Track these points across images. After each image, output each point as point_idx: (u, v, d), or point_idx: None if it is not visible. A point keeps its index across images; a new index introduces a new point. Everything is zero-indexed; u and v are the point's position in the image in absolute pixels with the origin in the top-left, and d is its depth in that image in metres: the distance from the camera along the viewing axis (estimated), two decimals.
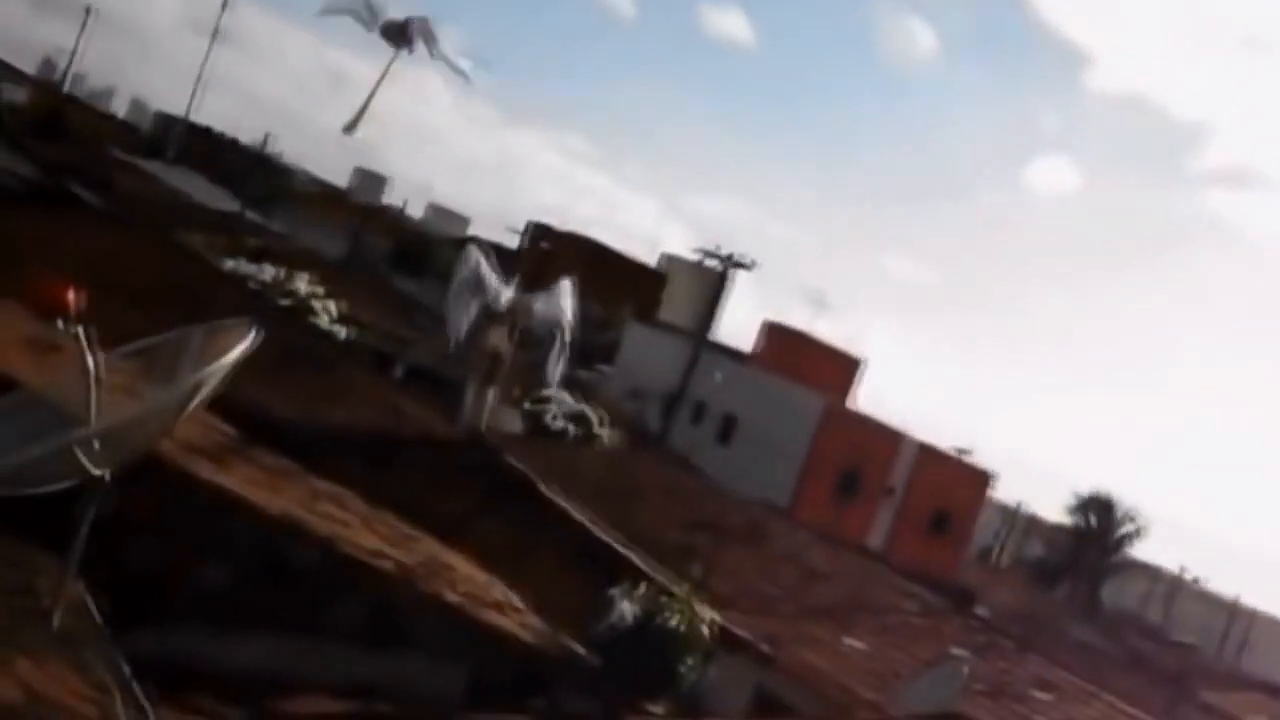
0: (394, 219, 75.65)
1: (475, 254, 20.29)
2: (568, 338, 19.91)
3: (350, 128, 12.69)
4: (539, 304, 19.63)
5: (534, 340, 19.93)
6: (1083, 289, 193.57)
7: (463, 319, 19.60)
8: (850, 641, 18.49)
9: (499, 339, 19.30)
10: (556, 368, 20.45)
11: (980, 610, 29.80)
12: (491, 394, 19.61)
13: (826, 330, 70.12)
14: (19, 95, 58.74)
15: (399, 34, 12.87)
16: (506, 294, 19.34)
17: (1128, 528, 78.06)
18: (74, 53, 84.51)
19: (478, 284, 19.43)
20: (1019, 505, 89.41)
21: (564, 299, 19.75)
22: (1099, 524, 77.69)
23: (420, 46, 12.94)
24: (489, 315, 19.33)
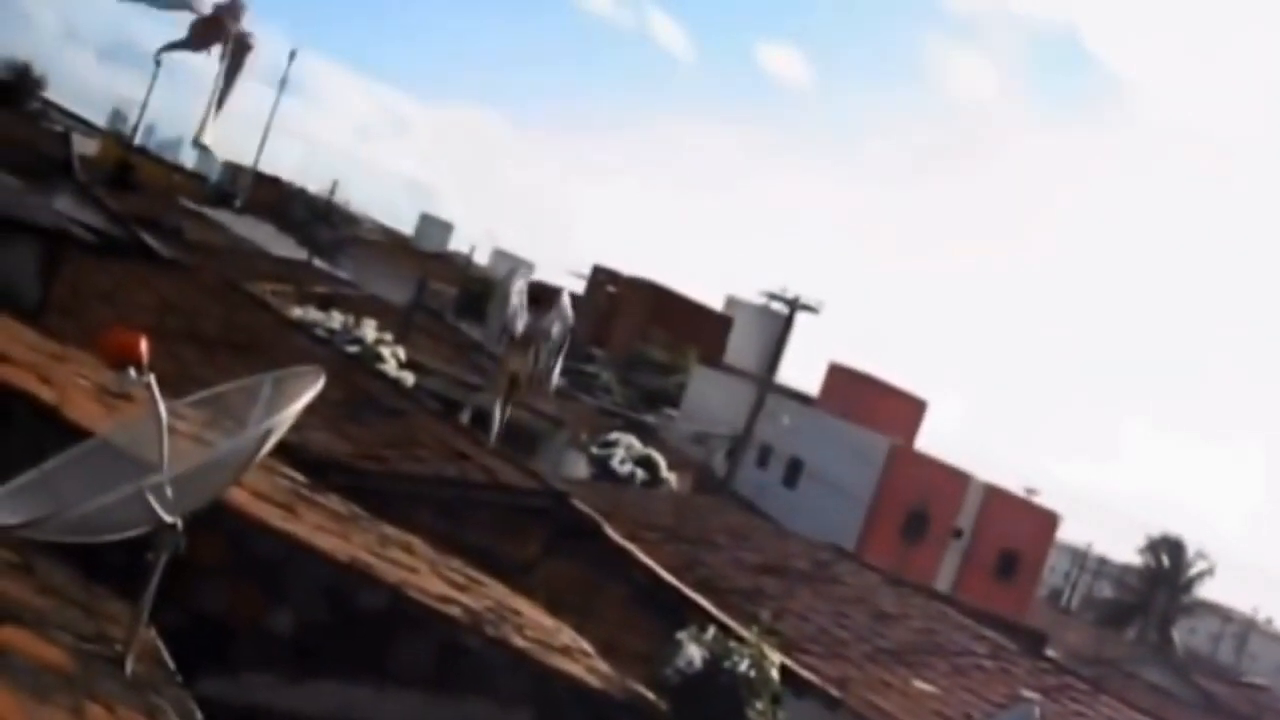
0: (460, 265, 75.97)
1: (514, 278, 21.37)
2: (566, 344, 20.87)
3: (199, 141, 12.52)
4: (554, 326, 20.51)
5: (550, 358, 20.90)
6: (1145, 319, 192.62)
7: (496, 332, 20.78)
8: (920, 684, 18.39)
9: (518, 363, 20.20)
10: (556, 370, 21.76)
11: (1051, 652, 29.56)
12: (508, 413, 20.60)
13: (890, 371, 70.02)
14: (90, 147, 59.33)
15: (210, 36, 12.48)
16: (524, 319, 20.15)
17: (1199, 567, 77.51)
18: (144, 104, 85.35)
19: (505, 304, 20.43)
20: (1088, 546, 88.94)
21: (567, 312, 20.80)
22: (1169, 564, 77.14)
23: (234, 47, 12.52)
24: (510, 340, 20.24)
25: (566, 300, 21.39)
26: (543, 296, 20.92)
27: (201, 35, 12.23)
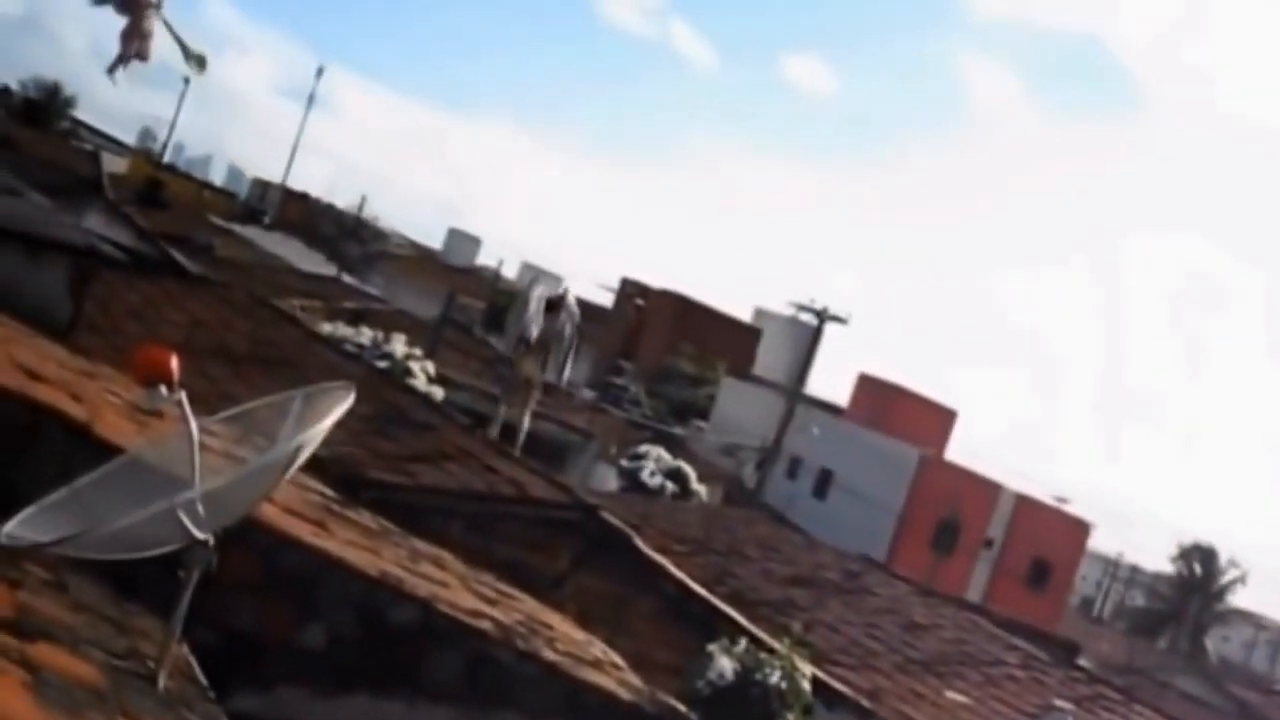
0: (488, 279, 76.18)
1: (534, 286, 21.75)
2: (575, 341, 21.66)
3: (195, 64, 12.08)
4: (566, 327, 20.81)
5: (561, 357, 21.24)
6: (1172, 324, 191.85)
7: (514, 339, 21.16)
8: (952, 695, 18.36)
9: (532, 368, 20.53)
10: (568, 368, 22.58)
11: (1083, 662, 29.48)
12: (526, 419, 20.81)
13: (919, 381, 69.89)
14: (119, 165, 59.63)
15: None
16: (538, 325, 20.41)
17: (1231, 575, 77.16)
18: (173, 122, 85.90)
19: (523, 312, 20.72)
20: (1120, 555, 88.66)
21: (573, 309, 21.23)
22: (1202, 572, 76.82)
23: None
24: (526, 345, 20.50)
25: (571, 298, 21.79)
26: (553, 304, 21.10)
27: (129, 32, 11.96)
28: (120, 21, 11.36)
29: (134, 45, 11.53)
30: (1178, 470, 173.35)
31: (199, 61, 11.79)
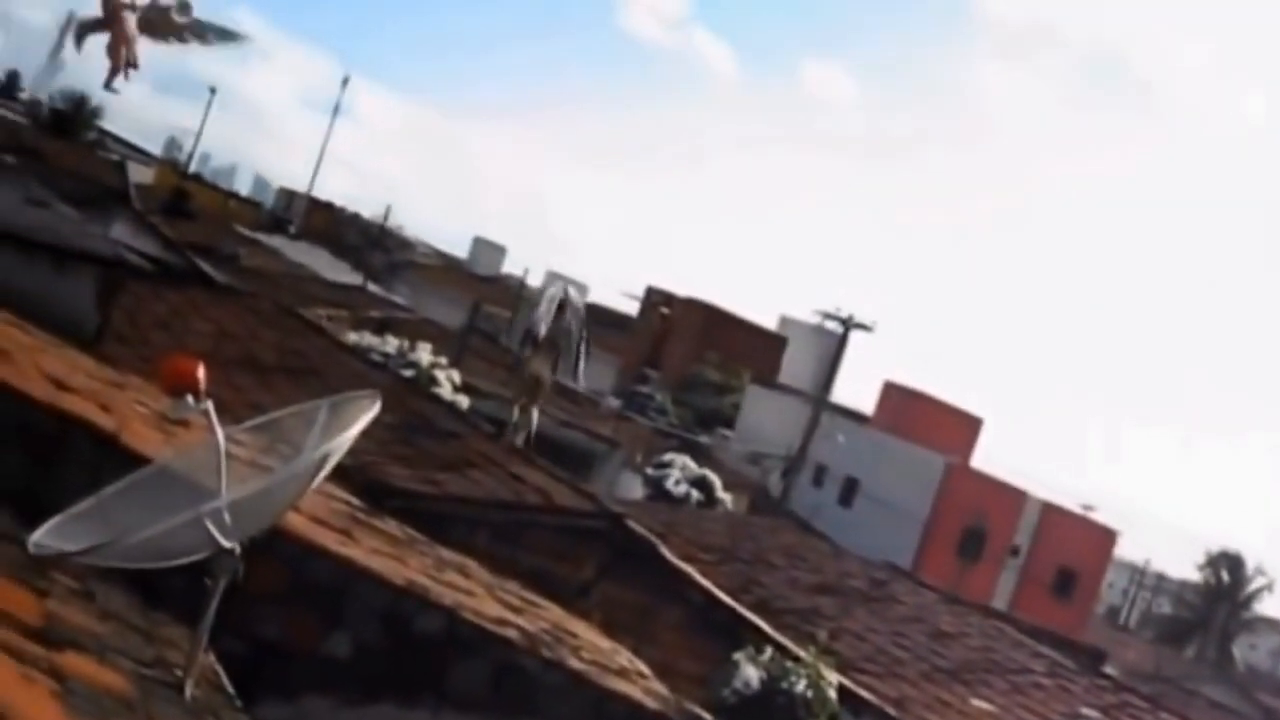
0: (513, 287, 76.26)
1: (550, 286, 21.76)
2: (585, 336, 21.39)
3: (178, 7, 11.98)
4: (572, 324, 20.78)
5: (571, 355, 21.18)
6: (1203, 333, 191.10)
7: (520, 336, 21.21)
8: (978, 703, 18.31)
9: (541, 366, 20.51)
10: (582, 366, 22.13)
11: (1110, 670, 29.39)
12: (534, 416, 20.87)
13: (945, 388, 69.75)
14: (146, 175, 59.80)
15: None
16: (547, 323, 20.40)
17: (1258, 583, 76.81)
18: (199, 132, 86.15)
19: (532, 311, 20.77)
20: (1146, 562, 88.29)
21: (577, 305, 21.18)
22: (1229, 580, 76.48)
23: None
24: (534, 344, 20.50)
25: (575, 295, 21.76)
26: (563, 304, 21.09)
27: (113, 44, 11.93)
28: (105, 38, 11.39)
29: (121, 54, 11.54)
30: (1188, 473, 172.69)
31: (181, 5, 11.74)
